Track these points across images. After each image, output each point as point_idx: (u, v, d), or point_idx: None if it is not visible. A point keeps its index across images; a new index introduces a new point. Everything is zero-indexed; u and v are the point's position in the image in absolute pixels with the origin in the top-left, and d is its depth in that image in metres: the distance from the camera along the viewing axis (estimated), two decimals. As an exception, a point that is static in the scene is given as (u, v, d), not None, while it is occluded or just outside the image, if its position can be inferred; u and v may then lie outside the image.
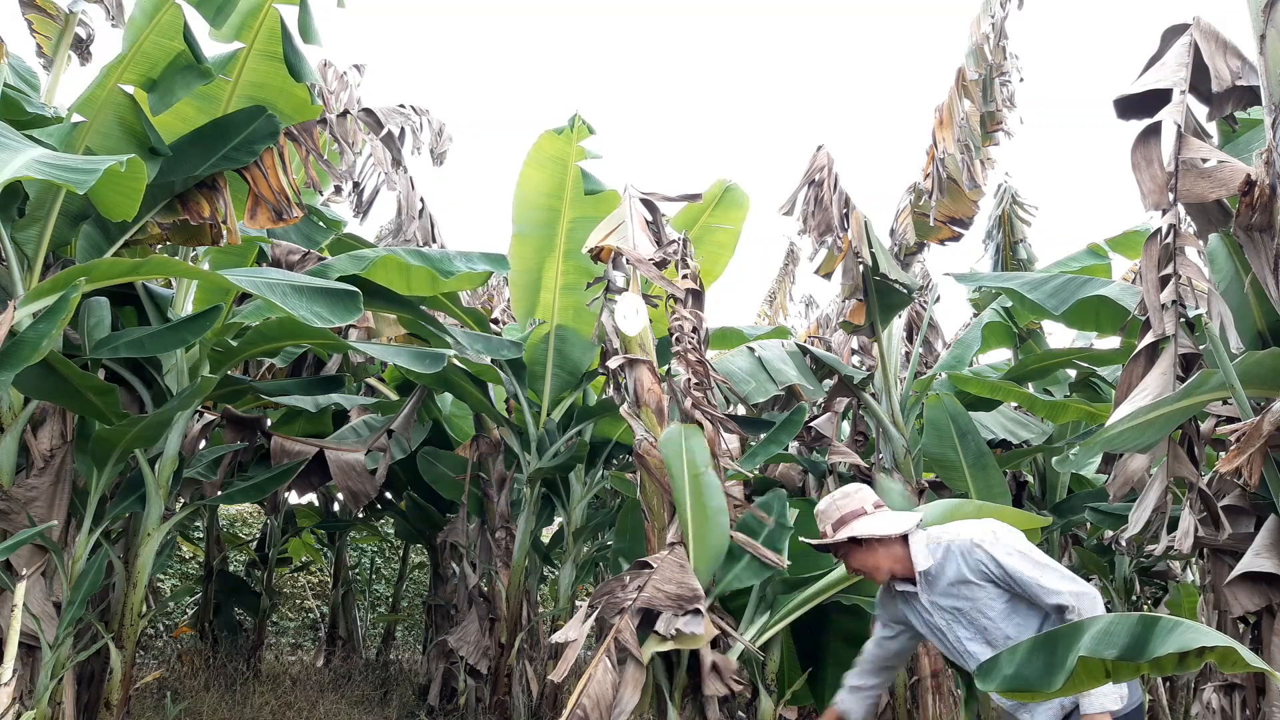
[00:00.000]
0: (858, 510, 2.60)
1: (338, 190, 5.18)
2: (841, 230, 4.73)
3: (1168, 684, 6.47)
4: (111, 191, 3.15)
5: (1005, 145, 5.33)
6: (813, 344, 6.69)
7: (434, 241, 6.38)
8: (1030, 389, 5.94)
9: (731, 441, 7.07)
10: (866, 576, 2.67)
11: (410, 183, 5.89)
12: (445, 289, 4.99)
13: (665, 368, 4.03)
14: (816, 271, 5.05)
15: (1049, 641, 1.66)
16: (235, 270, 3.29)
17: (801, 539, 3.00)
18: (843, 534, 2.58)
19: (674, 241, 4.06)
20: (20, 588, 2.85)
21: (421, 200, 6.16)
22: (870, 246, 4.69)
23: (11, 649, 2.80)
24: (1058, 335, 6.86)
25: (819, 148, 5.01)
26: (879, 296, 5.00)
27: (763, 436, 5.33)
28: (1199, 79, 2.89)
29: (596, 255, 3.96)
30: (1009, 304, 6.04)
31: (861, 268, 4.81)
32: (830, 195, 4.74)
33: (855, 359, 6.54)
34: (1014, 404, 6.27)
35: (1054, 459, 5.85)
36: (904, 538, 2.58)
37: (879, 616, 2.82)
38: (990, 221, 6.82)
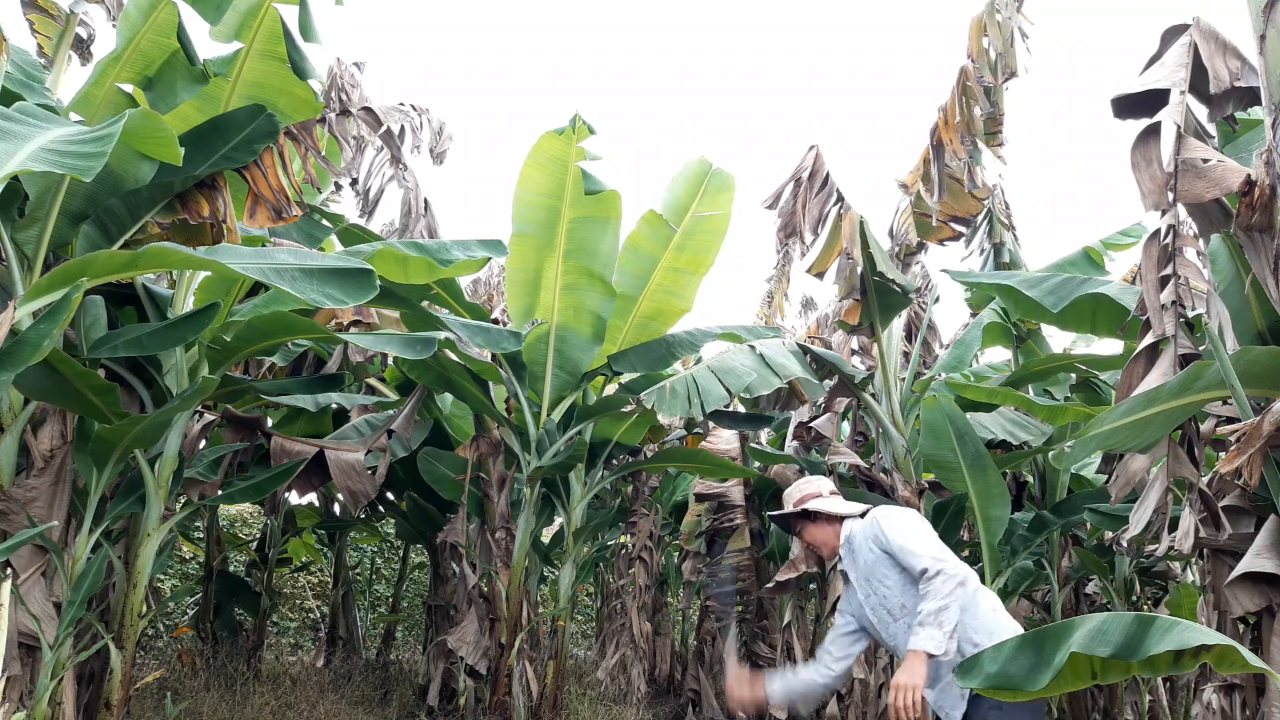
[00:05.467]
0: (815, 492, 3.12)
1: (337, 188, 5.18)
2: (813, 234, 4.73)
3: (1168, 684, 6.47)
4: (150, 146, 3.14)
5: (1004, 145, 5.33)
6: (813, 344, 6.69)
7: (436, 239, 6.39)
8: (1030, 390, 5.94)
9: (731, 440, 7.11)
10: (815, 550, 3.12)
11: (415, 181, 5.90)
12: (442, 275, 4.96)
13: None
14: (809, 270, 5.05)
15: (1036, 639, 1.65)
16: (241, 258, 3.18)
17: (766, 513, 3.15)
18: (798, 507, 3.10)
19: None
20: (4, 588, 2.85)
21: (425, 201, 6.17)
22: (867, 247, 4.69)
23: (0, 649, 2.80)
24: (1058, 336, 6.86)
25: (810, 148, 5.01)
26: (878, 297, 5.00)
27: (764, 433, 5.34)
28: (1199, 79, 2.89)
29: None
30: (1007, 305, 6.04)
31: (860, 268, 4.81)
32: (807, 196, 4.74)
33: (855, 359, 6.54)
34: (1012, 409, 6.27)
35: (1050, 455, 5.85)
36: (844, 520, 3.04)
37: (840, 610, 3.12)
38: (975, 223, 6.81)
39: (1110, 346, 5.92)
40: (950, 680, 2.68)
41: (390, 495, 6.97)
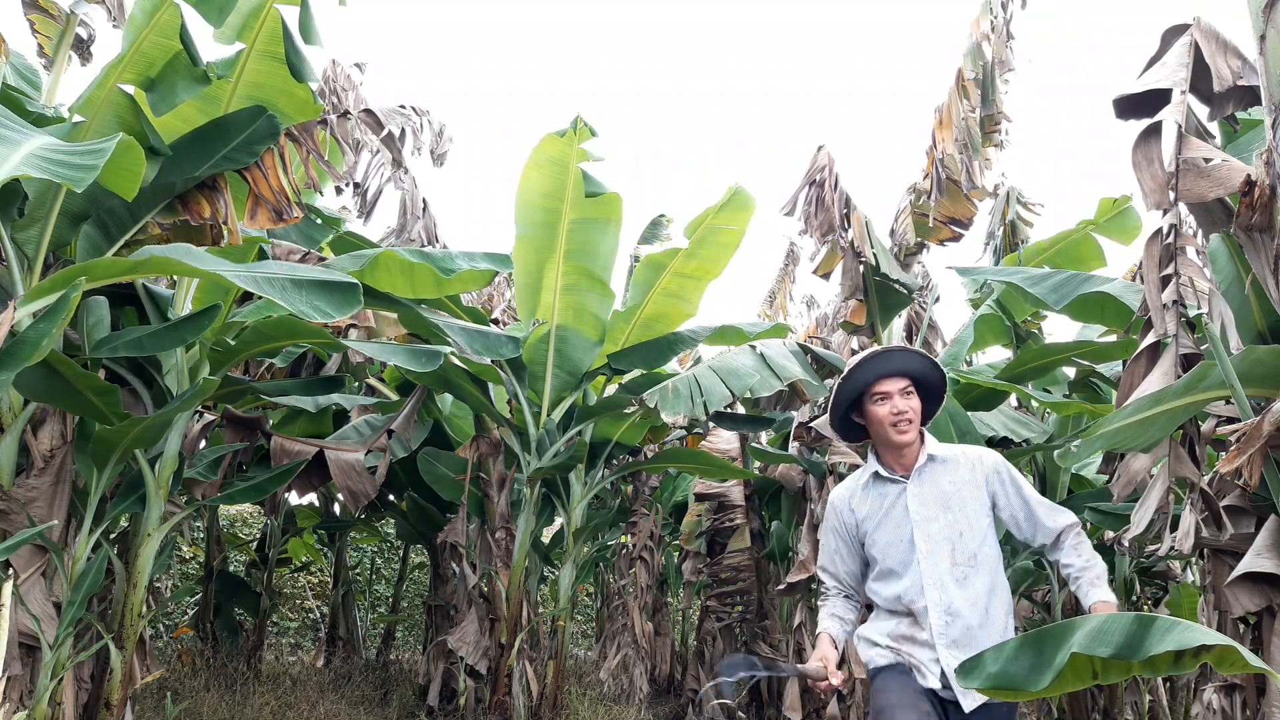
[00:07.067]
0: None
1: (337, 191, 5.18)
2: (843, 230, 4.74)
3: (1168, 684, 6.47)
4: (110, 174, 3.15)
5: (1005, 146, 5.33)
6: (813, 344, 6.69)
7: (436, 242, 6.39)
8: (1029, 389, 5.94)
9: (731, 440, 7.11)
10: (897, 429, 2.52)
11: (414, 182, 5.89)
12: (449, 289, 4.99)
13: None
14: (815, 271, 5.06)
15: (1037, 639, 1.65)
16: (234, 266, 3.23)
17: (902, 347, 2.62)
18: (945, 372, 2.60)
19: None
20: (5, 588, 2.85)
21: (424, 201, 6.17)
22: (871, 246, 4.70)
23: (0, 649, 2.80)
24: (1058, 336, 6.86)
25: (820, 148, 5.02)
26: (879, 297, 5.01)
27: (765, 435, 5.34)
28: (1200, 79, 2.89)
29: None
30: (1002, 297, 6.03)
31: (862, 268, 4.82)
32: (831, 195, 4.75)
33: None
34: (1014, 401, 6.27)
35: (1055, 454, 5.84)
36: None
37: (826, 545, 2.71)
38: (992, 221, 6.82)
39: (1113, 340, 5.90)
40: None
41: (390, 495, 6.97)
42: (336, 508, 7.74)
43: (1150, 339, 2.87)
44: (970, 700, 2.35)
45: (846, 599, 2.69)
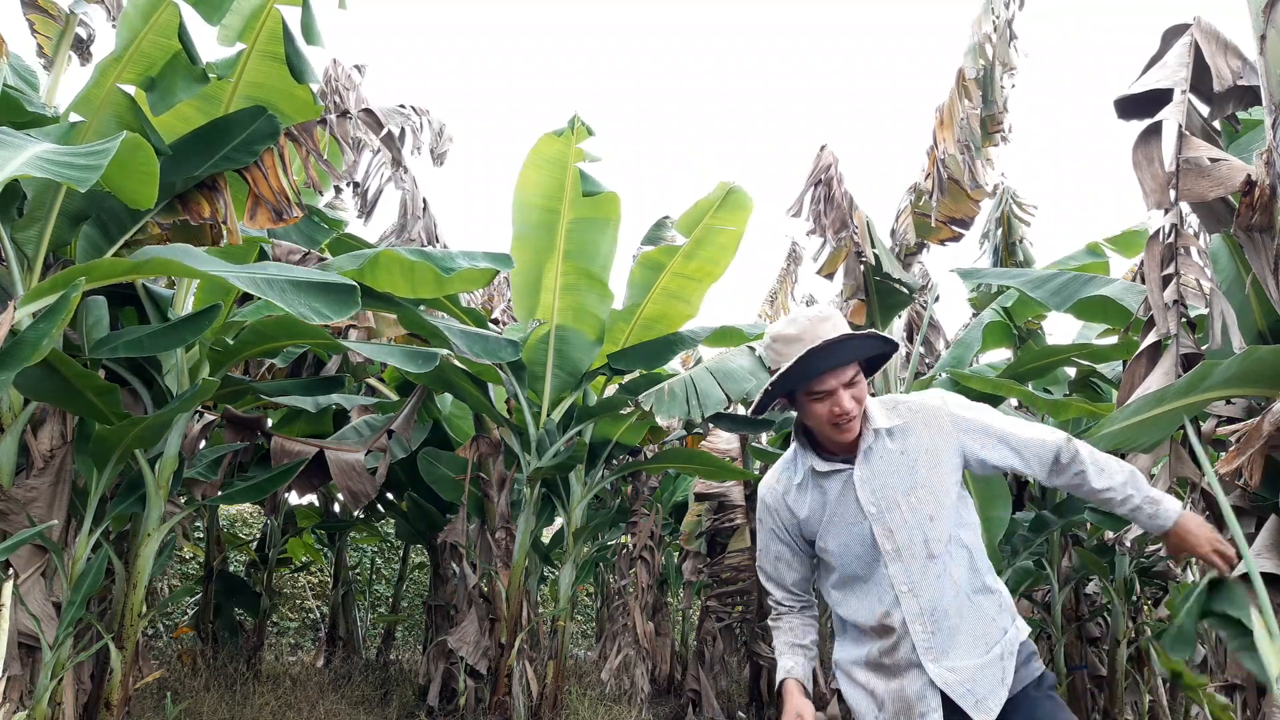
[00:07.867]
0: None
1: (337, 191, 5.18)
2: (851, 228, 4.76)
3: (1168, 685, 6.46)
4: (124, 179, 3.16)
5: (1005, 146, 5.34)
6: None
7: (436, 242, 6.40)
8: (1030, 389, 5.94)
9: (731, 440, 7.10)
10: (839, 429, 2.00)
11: (414, 182, 5.89)
12: (449, 289, 4.98)
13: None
14: (819, 272, 5.07)
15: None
16: (234, 267, 3.25)
17: (848, 335, 1.98)
18: (891, 339, 2.05)
19: None
20: (5, 588, 2.85)
21: (424, 201, 6.17)
22: (872, 246, 4.71)
23: (0, 649, 2.80)
24: (1057, 337, 6.86)
25: (823, 147, 5.03)
26: (879, 296, 5.01)
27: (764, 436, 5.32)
28: (1200, 79, 2.89)
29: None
30: (1008, 304, 6.05)
31: (862, 268, 4.82)
32: (839, 192, 4.76)
33: (855, 359, 6.52)
34: (1015, 403, 6.27)
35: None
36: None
37: (766, 550, 2.20)
38: (988, 222, 6.83)
39: (1113, 341, 5.92)
40: (996, 656, 1.95)
41: (390, 495, 6.97)
42: (336, 508, 7.74)
43: (1151, 339, 2.87)
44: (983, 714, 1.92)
45: (803, 612, 2.22)
